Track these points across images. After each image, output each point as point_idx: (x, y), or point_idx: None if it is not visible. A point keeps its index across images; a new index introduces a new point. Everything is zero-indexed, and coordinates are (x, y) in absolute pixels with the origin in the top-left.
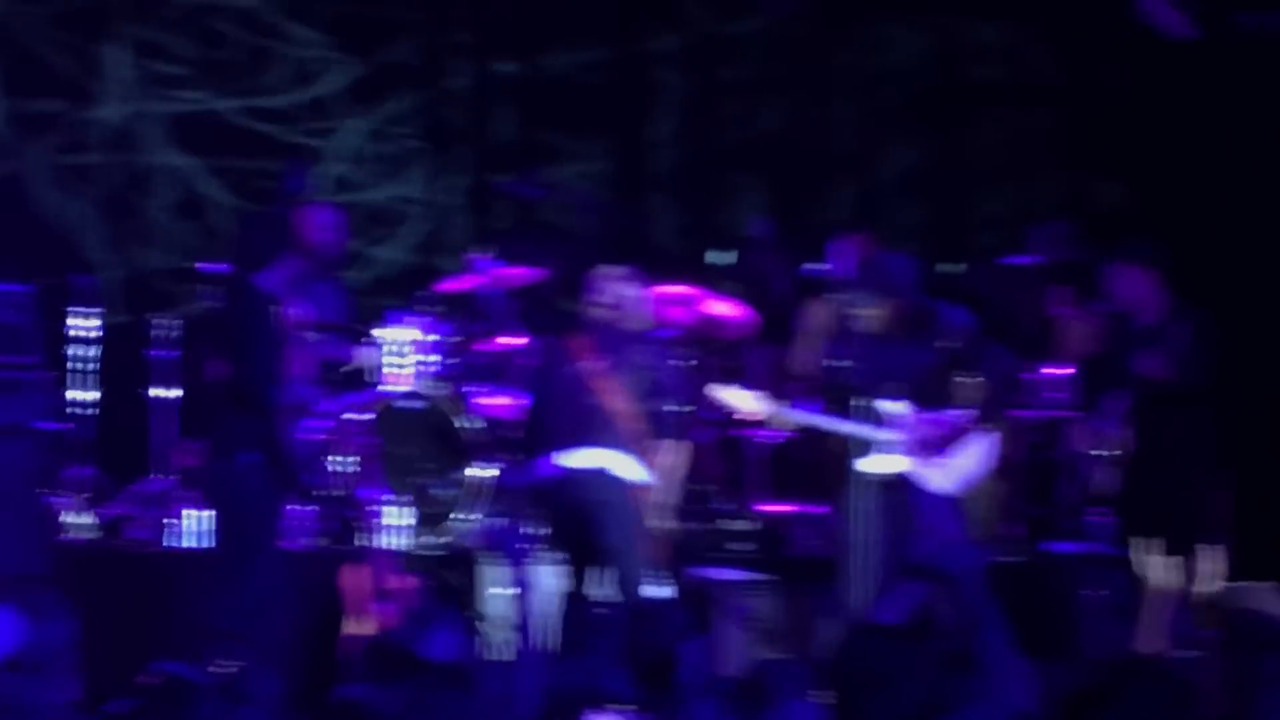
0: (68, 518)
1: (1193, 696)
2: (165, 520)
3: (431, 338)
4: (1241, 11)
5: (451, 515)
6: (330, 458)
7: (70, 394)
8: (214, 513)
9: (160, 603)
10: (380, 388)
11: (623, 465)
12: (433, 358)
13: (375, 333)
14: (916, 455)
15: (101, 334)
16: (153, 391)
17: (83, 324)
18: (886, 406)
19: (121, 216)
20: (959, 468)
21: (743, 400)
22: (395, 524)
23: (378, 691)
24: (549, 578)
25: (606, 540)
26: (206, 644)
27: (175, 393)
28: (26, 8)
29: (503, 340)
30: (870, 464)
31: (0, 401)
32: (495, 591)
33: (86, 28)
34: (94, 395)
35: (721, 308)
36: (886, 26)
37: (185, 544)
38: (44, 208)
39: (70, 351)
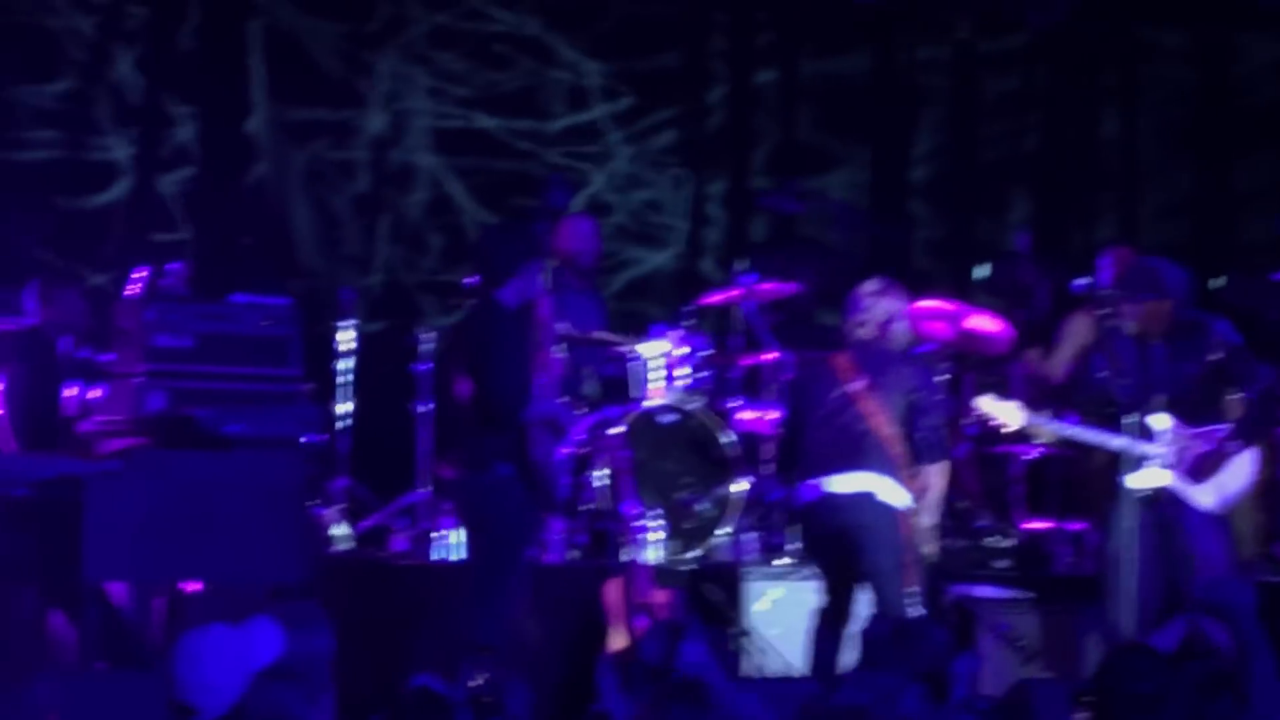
0: (331, 530)
1: None
2: (422, 533)
3: (687, 351)
4: None
5: (709, 529)
6: (586, 471)
7: (329, 406)
8: (467, 526)
9: (417, 616)
10: (637, 401)
11: (887, 490)
12: (689, 371)
13: (633, 346)
14: (1181, 471)
15: (358, 345)
16: (414, 404)
17: (342, 335)
18: (1152, 421)
19: (384, 227)
20: (1223, 485)
21: (1006, 412)
22: (651, 538)
23: (627, 706)
24: (803, 594)
25: (869, 566)
26: (461, 657)
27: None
28: (316, 21)
29: (759, 354)
30: (1134, 480)
31: (264, 414)
32: (756, 607)
33: (370, 43)
34: (350, 407)
35: (982, 322)
36: (1153, 36)
37: (442, 557)
38: (302, 219)
39: (331, 363)
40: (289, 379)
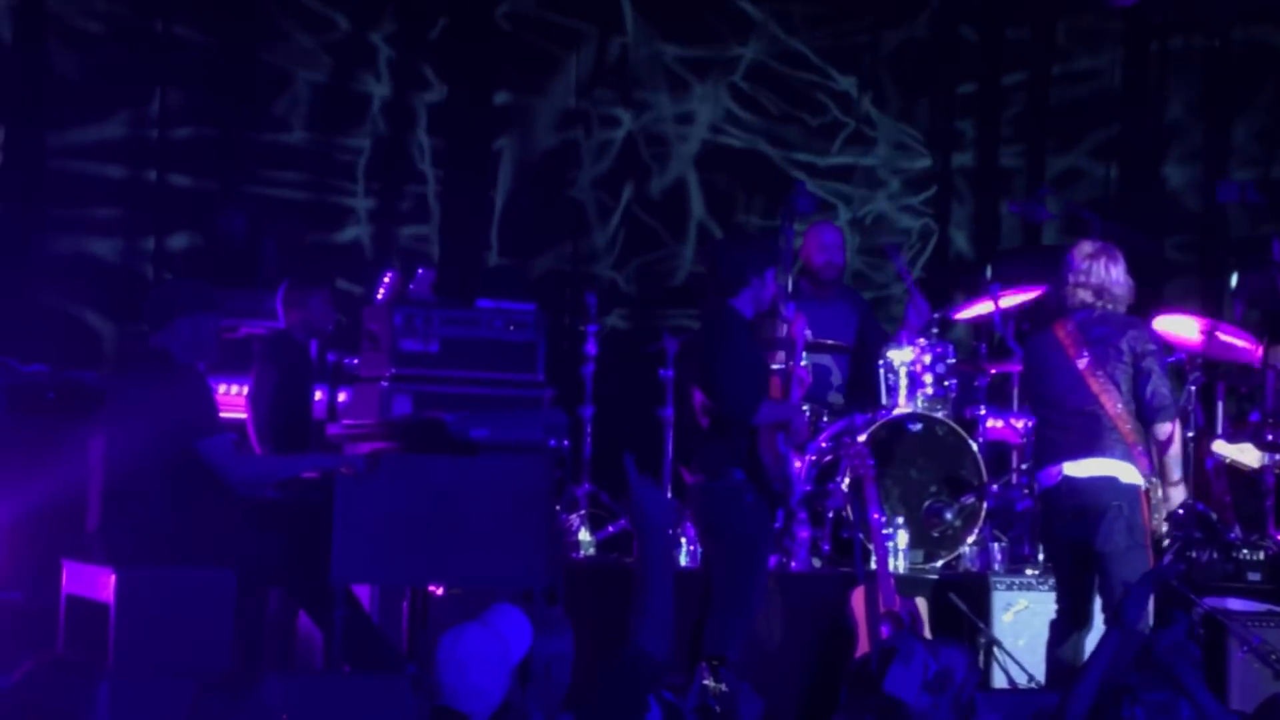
0: (577, 535)
1: None
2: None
3: (930, 360)
4: None
5: (955, 539)
6: (831, 479)
7: (572, 410)
8: (703, 532)
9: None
10: (884, 409)
11: (1125, 472)
12: (936, 379)
13: (883, 353)
14: None
15: (597, 351)
16: (659, 410)
17: (586, 341)
18: None
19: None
20: None
21: (1243, 454)
22: (895, 546)
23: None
24: (1049, 605)
25: (1104, 545)
26: (697, 665)
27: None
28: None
29: (1006, 363)
30: None
31: (510, 419)
32: (1003, 618)
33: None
34: (592, 412)
35: (1234, 333)
36: None
37: (683, 564)
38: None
39: (576, 368)
40: (533, 384)
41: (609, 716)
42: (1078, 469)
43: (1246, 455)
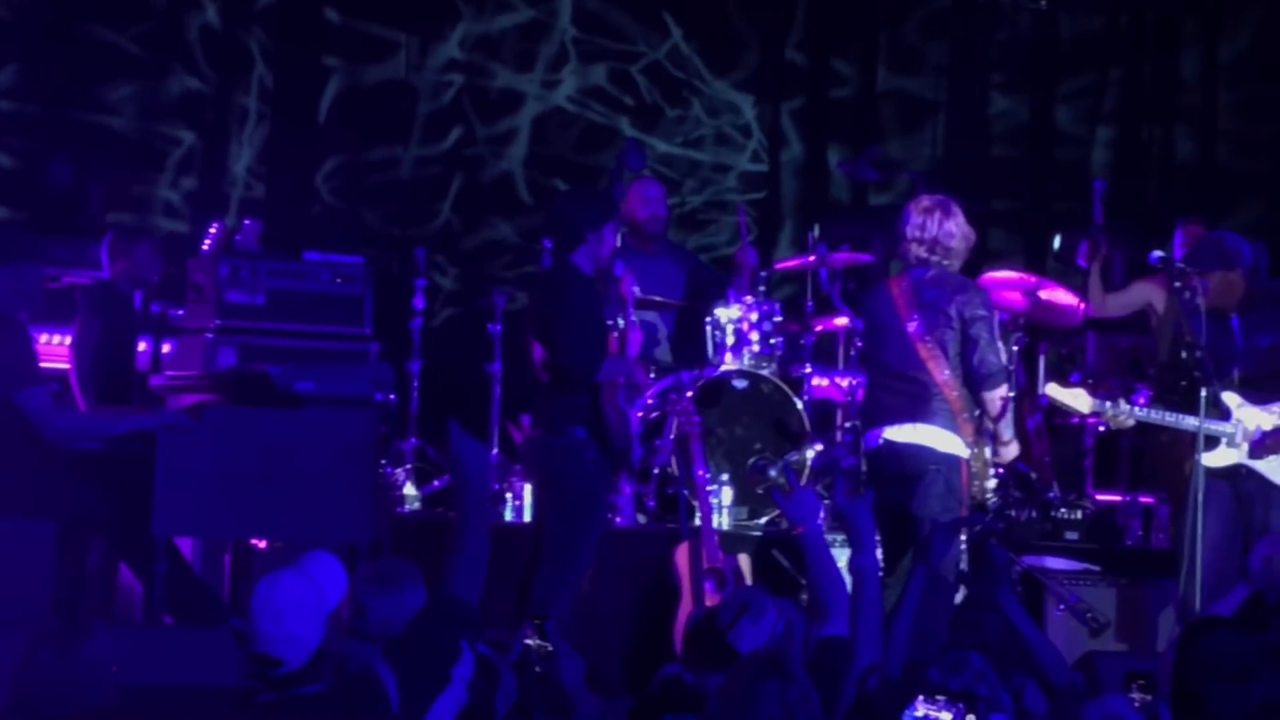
0: (402, 489)
1: None
2: (492, 494)
3: (757, 317)
4: None
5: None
6: (656, 436)
7: (399, 364)
8: (540, 487)
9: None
10: (710, 366)
11: (945, 441)
12: (763, 336)
13: (710, 310)
14: (1256, 447)
15: (425, 305)
16: (487, 365)
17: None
18: (1224, 397)
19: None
20: None
21: (1074, 398)
22: (719, 503)
23: (695, 673)
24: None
25: (919, 509)
26: (522, 620)
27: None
28: None
29: (832, 321)
30: (1207, 457)
31: (335, 372)
32: None
33: None
34: (419, 366)
35: (1056, 293)
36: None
37: (509, 518)
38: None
39: (403, 322)
40: (360, 337)
41: (420, 658)
42: (898, 434)
43: (1079, 401)
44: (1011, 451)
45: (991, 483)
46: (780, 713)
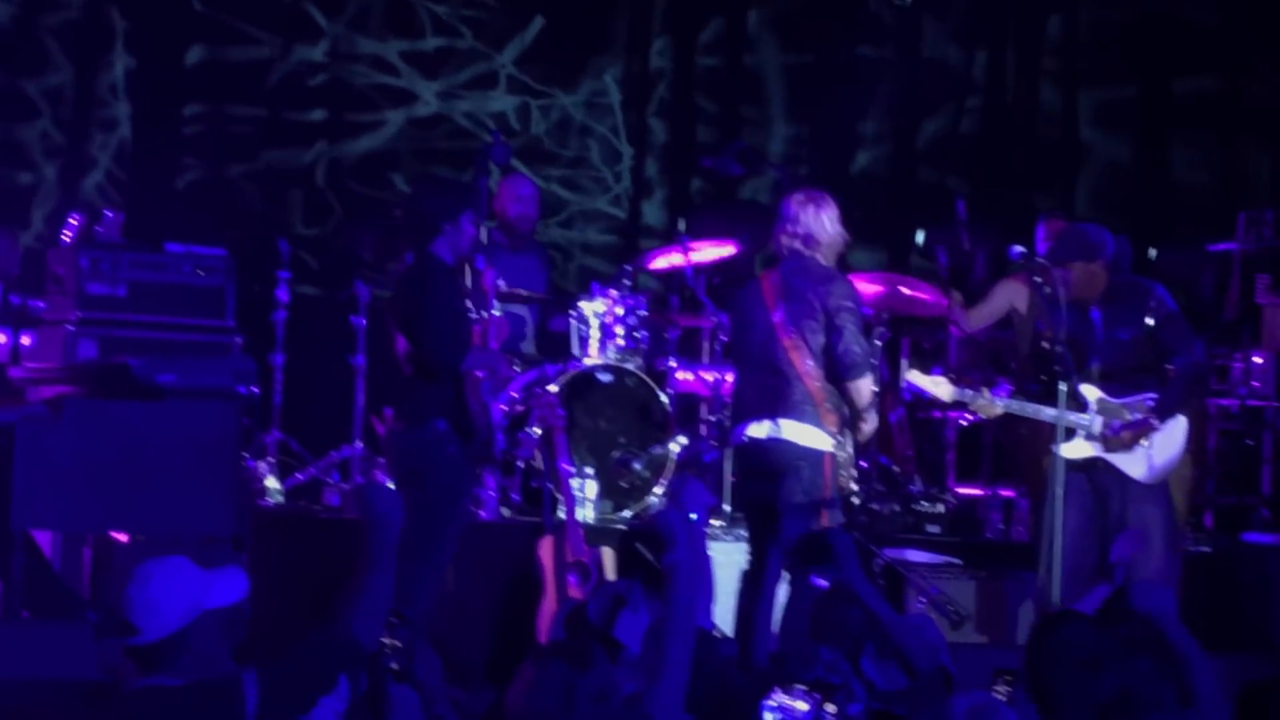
0: (264, 483)
1: None
2: (355, 488)
3: (622, 311)
4: None
5: (644, 489)
6: (521, 429)
7: (262, 358)
8: (401, 480)
9: (346, 571)
10: (575, 359)
11: (807, 435)
12: (627, 330)
13: (575, 304)
14: (1114, 440)
15: (288, 298)
16: (350, 358)
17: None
18: (1084, 390)
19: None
20: (1153, 455)
21: (934, 385)
22: (585, 496)
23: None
24: (735, 556)
25: (784, 502)
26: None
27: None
28: None
29: (697, 316)
30: (1065, 449)
31: (197, 365)
32: None
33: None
34: (283, 359)
35: (920, 288)
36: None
37: None
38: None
39: (266, 315)
40: (223, 329)
41: (290, 680)
42: (761, 430)
43: (940, 389)
44: (869, 425)
45: (853, 476)
46: (562, 702)
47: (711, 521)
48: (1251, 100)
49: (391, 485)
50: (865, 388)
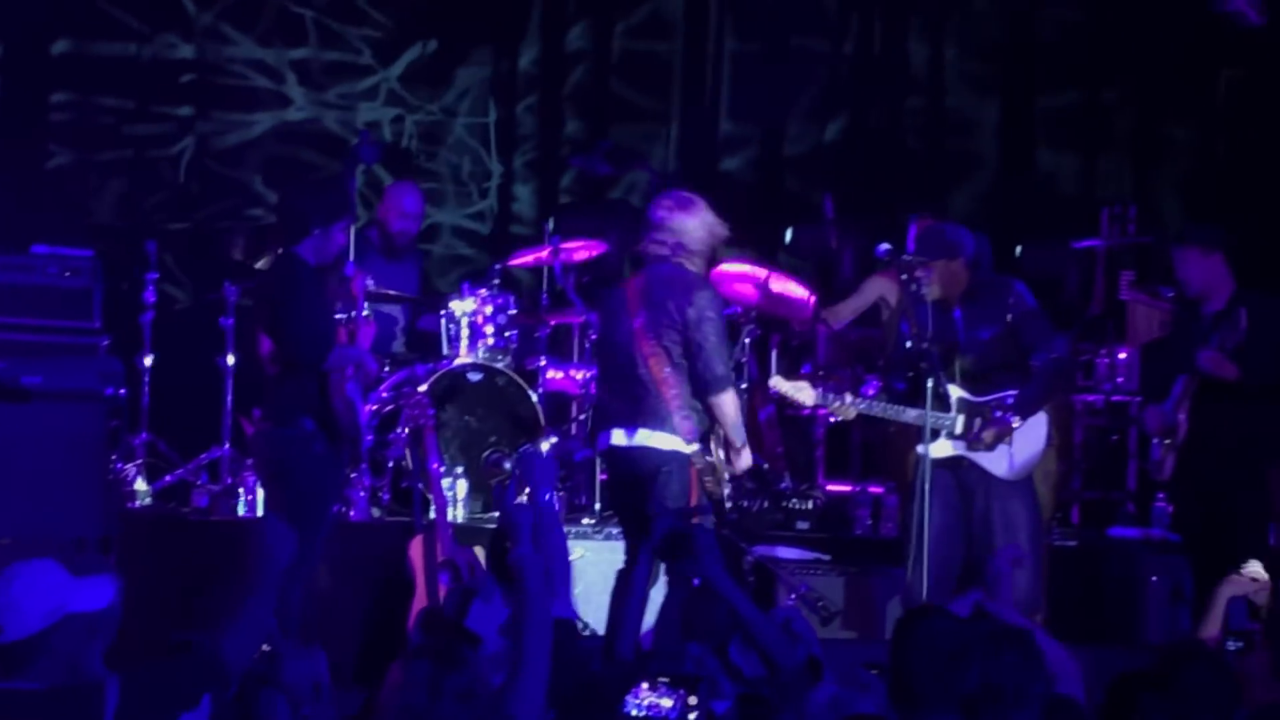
0: (133, 485)
1: (1242, 684)
2: (224, 489)
3: (492, 310)
4: None
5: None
6: (391, 429)
7: (130, 359)
8: (268, 480)
9: (215, 572)
10: (445, 359)
11: (665, 442)
12: (496, 330)
13: (445, 304)
14: (973, 439)
15: (156, 299)
16: (219, 359)
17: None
18: (950, 388)
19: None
20: (1014, 453)
21: (798, 391)
22: (454, 495)
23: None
24: (606, 554)
25: (654, 508)
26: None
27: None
28: None
29: (566, 314)
30: (930, 448)
31: (63, 366)
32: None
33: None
34: (151, 361)
35: (787, 285)
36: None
37: (242, 513)
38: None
39: (133, 316)
40: (89, 331)
41: (152, 692)
42: (622, 438)
43: (803, 394)
44: (745, 459)
45: (725, 482)
46: (429, 701)
47: (583, 521)
48: (1111, 100)
49: (261, 489)
50: (727, 403)
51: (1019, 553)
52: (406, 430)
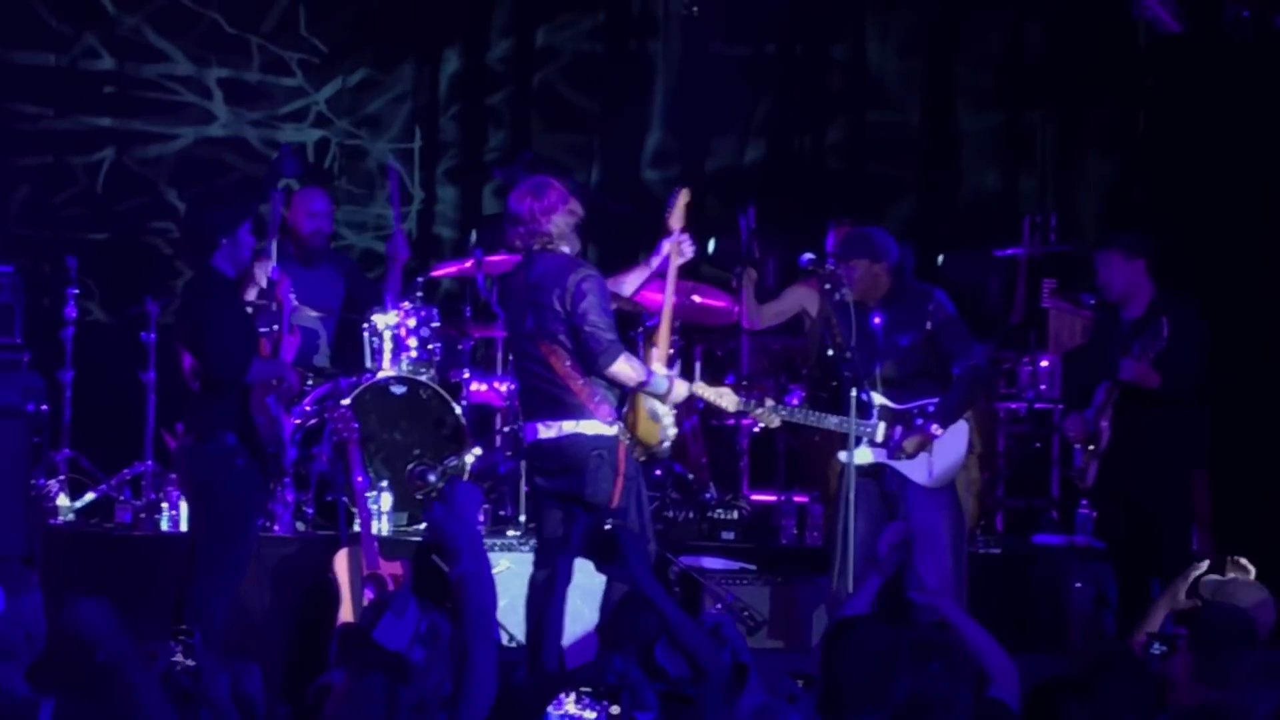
0: (55, 500)
1: (1165, 688)
2: (147, 505)
3: (415, 323)
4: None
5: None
6: (315, 443)
7: (51, 375)
8: (190, 495)
9: (139, 588)
10: (368, 372)
11: (589, 427)
12: (420, 342)
13: (367, 316)
14: (893, 447)
15: (76, 315)
16: (141, 374)
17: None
18: (871, 396)
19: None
20: (933, 460)
21: (721, 397)
22: (379, 509)
23: (384, 677)
24: (526, 565)
25: (598, 498)
26: (172, 633)
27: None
28: None
29: (489, 327)
30: (851, 456)
31: None
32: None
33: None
34: (72, 376)
35: (710, 295)
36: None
37: (166, 528)
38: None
39: (55, 332)
40: (11, 347)
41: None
42: (547, 431)
43: (725, 400)
44: (680, 390)
45: (668, 441)
46: (385, 713)
47: (508, 533)
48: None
49: (185, 505)
50: (624, 368)
51: (902, 535)
52: (331, 444)
